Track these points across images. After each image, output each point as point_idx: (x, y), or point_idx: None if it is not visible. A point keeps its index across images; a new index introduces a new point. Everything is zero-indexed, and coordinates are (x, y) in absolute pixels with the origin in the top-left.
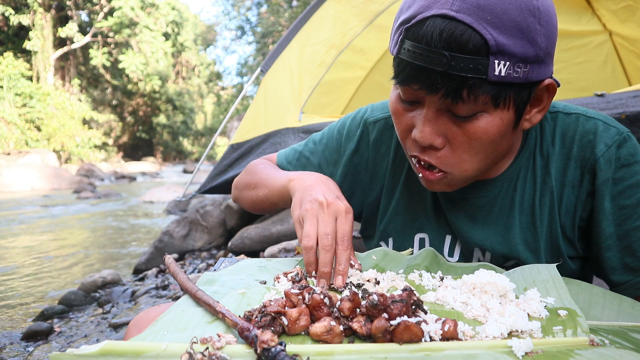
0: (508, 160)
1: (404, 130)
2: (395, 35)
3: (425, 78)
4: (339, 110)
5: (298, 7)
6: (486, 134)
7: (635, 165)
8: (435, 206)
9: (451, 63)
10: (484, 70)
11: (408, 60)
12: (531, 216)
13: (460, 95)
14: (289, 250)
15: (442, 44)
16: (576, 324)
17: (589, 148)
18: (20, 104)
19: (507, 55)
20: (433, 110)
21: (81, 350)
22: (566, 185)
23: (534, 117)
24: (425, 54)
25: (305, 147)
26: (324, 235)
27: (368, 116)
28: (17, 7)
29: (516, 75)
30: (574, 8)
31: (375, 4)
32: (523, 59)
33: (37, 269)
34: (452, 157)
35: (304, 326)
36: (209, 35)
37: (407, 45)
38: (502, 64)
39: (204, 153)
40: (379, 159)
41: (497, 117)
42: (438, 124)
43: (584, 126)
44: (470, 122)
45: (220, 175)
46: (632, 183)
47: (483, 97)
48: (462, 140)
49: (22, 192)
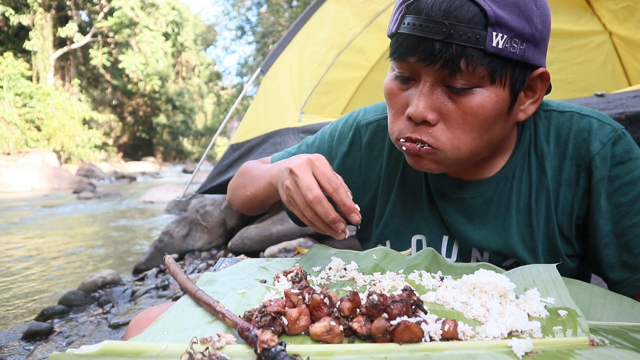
0: (503, 159)
1: (397, 111)
2: (396, 14)
3: (424, 49)
4: (339, 110)
5: (298, 7)
6: (481, 109)
7: (630, 163)
8: (431, 207)
9: (450, 32)
10: (482, 41)
11: (407, 33)
12: (527, 215)
13: (458, 66)
14: (289, 250)
15: (441, 13)
16: (576, 324)
17: (584, 146)
18: (20, 104)
19: (504, 28)
20: (429, 85)
21: (81, 350)
22: (562, 184)
23: (528, 109)
24: (425, 25)
25: (298, 150)
26: (306, 191)
27: (360, 119)
28: (17, 7)
29: (513, 51)
30: (574, 8)
31: (375, 4)
32: (520, 35)
33: (37, 269)
34: (445, 133)
35: (304, 326)
36: (209, 35)
37: (408, 19)
38: (500, 36)
39: (204, 153)
40: (372, 161)
41: (492, 94)
42: (433, 99)
43: (579, 124)
44: (466, 97)
45: (220, 175)
46: (627, 180)
47: (480, 69)
48: (456, 116)
49: (22, 192)
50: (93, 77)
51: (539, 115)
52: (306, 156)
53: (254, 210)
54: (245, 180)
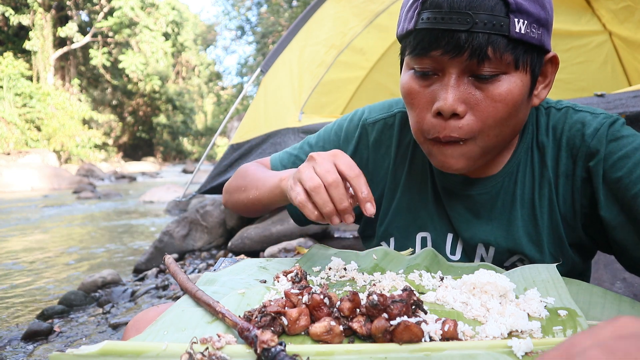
0: (507, 155)
1: (422, 109)
2: (410, 12)
3: (448, 41)
4: (339, 110)
5: (298, 7)
6: (510, 94)
7: (623, 139)
8: (437, 205)
9: (475, 22)
10: (505, 28)
11: (428, 27)
12: (531, 209)
13: (486, 54)
14: (289, 250)
15: (464, 4)
16: (576, 324)
17: (578, 136)
18: (20, 104)
19: (524, 14)
20: (455, 77)
21: (81, 350)
22: (560, 175)
23: (541, 93)
24: (448, 17)
25: (301, 150)
26: (325, 173)
27: (366, 117)
28: (17, 7)
29: (533, 36)
30: (574, 8)
31: (375, 4)
32: (537, 20)
33: (37, 269)
34: (475, 123)
35: (304, 326)
36: (209, 35)
37: (426, 14)
38: (522, 22)
39: (204, 153)
40: (379, 160)
41: (518, 79)
42: (461, 90)
43: (572, 117)
44: (494, 84)
45: (221, 175)
46: (621, 155)
47: (507, 55)
48: (485, 105)
49: (22, 192)
50: (93, 77)
51: (540, 112)
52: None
53: (256, 212)
54: (247, 183)
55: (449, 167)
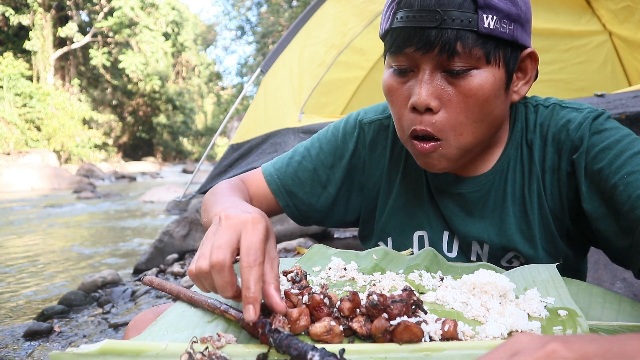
0: (497, 153)
1: (401, 106)
2: (387, 13)
3: (420, 38)
4: (339, 110)
5: (298, 7)
6: (481, 89)
7: (605, 132)
8: (432, 203)
9: (444, 18)
10: (474, 23)
11: (402, 26)
12: (522, 205)
13: (455, 49)
14: (289, 250)
15: (433, 2)
16: (576, 324)
17: (564, 132)
18: (20, 104)
19: (493, 10)
20: (428, 72)
21: (81, 349)
22: (547, 170)
23: (521, 89)
24: (418, 15)
25: (295, 153)
26: (215, 249)
27: (362, 117)
28: (17, 7)
29: (503, 31)
30: (573, 8)
31: (375, 4)
32: (507, 15)
33: (37, 269)
34: (448, 120)
35: (304, 326)
36: (209, 35)
37: (400, 14)
38: (490, 17)
39: (204, 153)
40: (375, 160)
41: (489, 74)
42: (433, 85)
43: (559, 114)
44: (465, 79)
45: (221, 175)
46: (602, 147)
47: (476, 50)
48: (457, 100)
49: (22, 192)
50: (93, 77)
51: (529, 109)
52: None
53: None
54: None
55: (432, 167)
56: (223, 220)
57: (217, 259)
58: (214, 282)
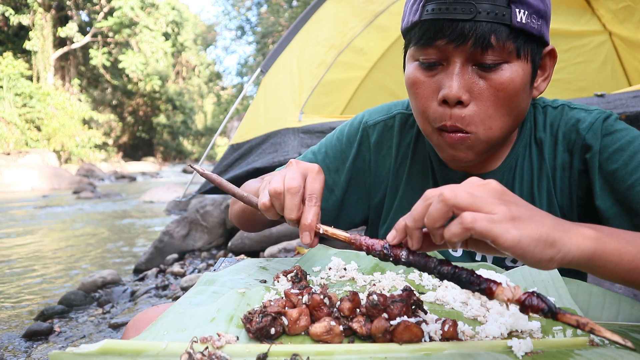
0: (506, 151)
1: (427, 98)
2: (415, 5)
3: (452, 30)
4: (339, 111)
5: (298, 7)
6: (512, 83)
7: (617, 133)
8: None
9: (478, 11)
10: (507, 17)
11: (433, 18)
12: (530, 201)
13: (490, 42)
14: (289, 250)
15: None
16: None
17: (574, 131)
18: (20, 104)
19: (525, 5)
20: (459, 65)
21: (81, 349)
22: (557, 168)
23: (540, 85)
24: (452, 7)
25: (304, 158)
26: (290, 180)
27: (367, 120)
28: (17, 7)
29: (533, 26)
30: (573, 8)
31: (375, 4)
32: (537, 11)
33: (37, 269)
34: (477, 113)
35: (304, 326)
36: (209, 35)
37: (431, 6)
38: (522, 12)
39: (204, 153)
40: (381, 161)
41: (519, 68)
42: (465, 78)
43: (568, 114)
44: (497, 72)
45: (221, 175)
46: (616, 148)
47: (509, 43)
48: (488, 94)
49: (22, 192)
50: (93, 77)
51: (537, 110)
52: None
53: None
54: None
55: (459, 160)
56: (294, 163)
57: (292, 185)
58: (284, 203)
